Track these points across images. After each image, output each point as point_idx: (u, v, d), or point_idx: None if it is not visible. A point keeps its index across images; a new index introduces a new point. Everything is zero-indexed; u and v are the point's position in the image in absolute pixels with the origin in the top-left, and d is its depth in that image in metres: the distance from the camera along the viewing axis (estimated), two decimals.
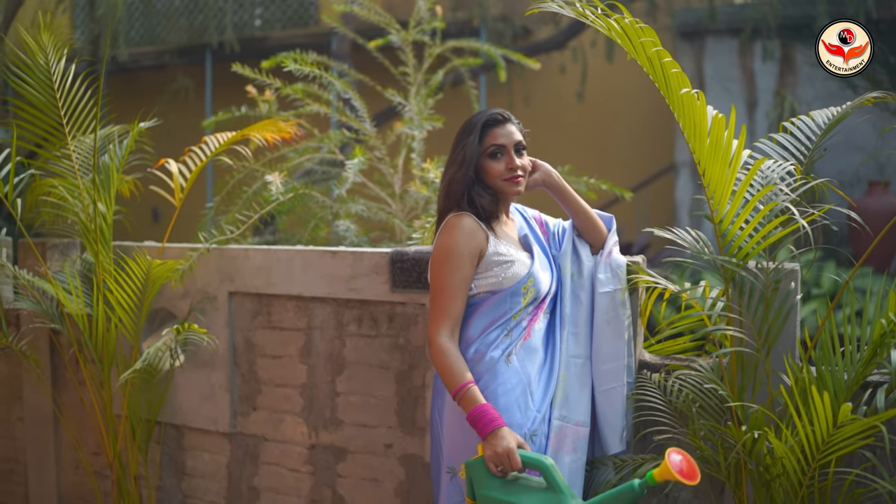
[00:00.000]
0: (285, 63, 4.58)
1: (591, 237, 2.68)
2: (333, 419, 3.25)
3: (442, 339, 2.39)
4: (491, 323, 2.47)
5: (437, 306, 2.43)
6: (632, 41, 2.40)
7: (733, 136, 2.33)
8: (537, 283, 2.50)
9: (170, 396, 3.57)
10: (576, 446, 2.49)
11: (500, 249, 2.47)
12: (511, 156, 2.49)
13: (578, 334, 2.59)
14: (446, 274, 2.42)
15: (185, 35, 13.71)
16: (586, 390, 2.56)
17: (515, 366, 2.44)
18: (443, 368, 2.37)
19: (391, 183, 5.04)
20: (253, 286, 3.36)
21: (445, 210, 2.54)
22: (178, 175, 3.61)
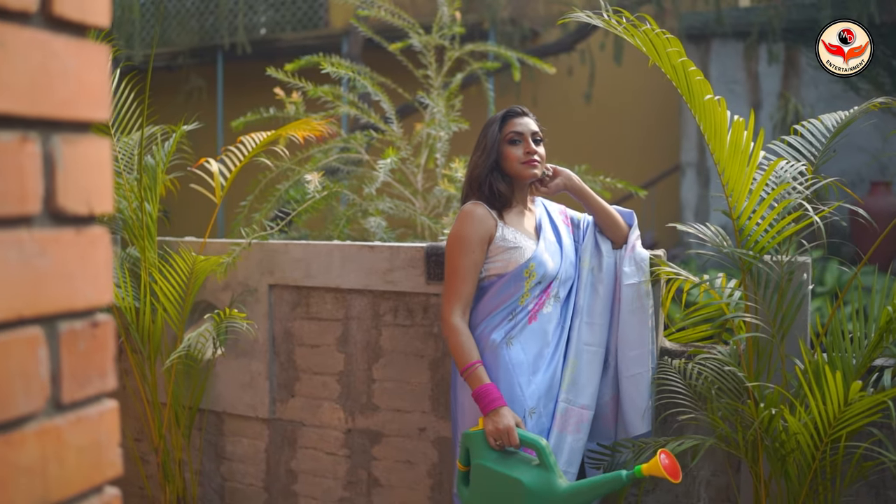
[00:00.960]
0: (323, 64, 4.77)
1: (611, 234, 2.88)
2: (369, 405, 3.44)
3: (454, 318, 2.65)
4: (497, 305, 2.69)
5: (450, 288, 2.69)
6: (657, 50, 2.59)
7: (751, 138, 2.52)
8: (540, 267, 2.69)
9: (211, 385, 3.77)
10: (579, 427, 2.71)
11: (507, 235, 2.70)
12: (528, 142, 2.75)
13: (594, 324, 2.78)
14: (457, 258, 2.68)
15: (196, 37, 13.92)
16: (595, 377, 2.76)
17: (517, 348, 2.66)
18: (454, 347, 2.63)
19: (413, 182, 5.23)
20: (292, 279, 3.55)
21: (466, 197, 2.83)
22: (217, 174, 3.80)
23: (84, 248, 1.20)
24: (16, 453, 1.09)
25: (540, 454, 2.42)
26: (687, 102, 2.63)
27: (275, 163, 4.65)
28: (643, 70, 10.96)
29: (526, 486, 2.39)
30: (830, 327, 2.52)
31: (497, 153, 2.77)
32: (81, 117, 1.19)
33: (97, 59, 1.22)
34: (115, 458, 1.26)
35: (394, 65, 5.99)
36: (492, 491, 2.47)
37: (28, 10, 1.08)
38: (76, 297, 1.19)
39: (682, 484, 2.91)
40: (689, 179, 10.82)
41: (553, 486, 2.38)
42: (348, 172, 5.38)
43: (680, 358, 2.86)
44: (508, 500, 2.43)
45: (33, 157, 1.11)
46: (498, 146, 2.77)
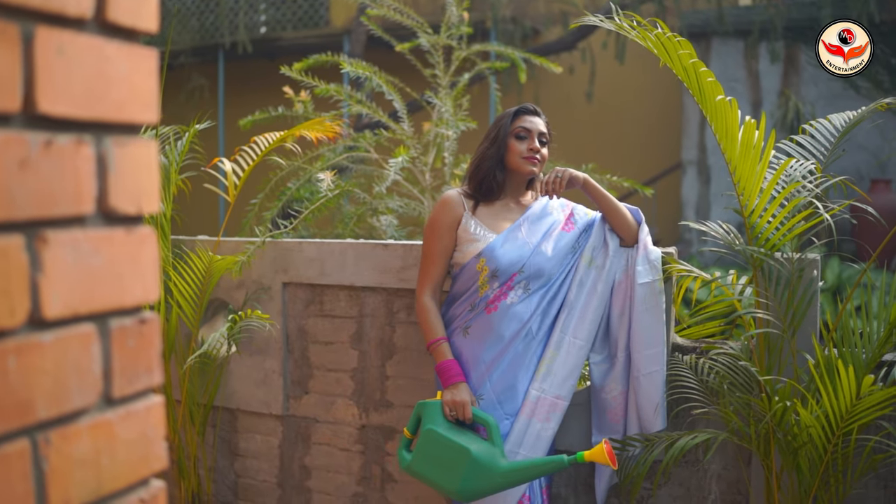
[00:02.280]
0: (342, 65, 4.81)
1: (622, 232, 2.92)
2: (383, 401, 3.48)
3: (424, 297, 2.88)
4: (461, 294, 2.86)
5: (422, 270, 2.90)
6: (669, 52, 2.64)
7: (762, 138, 2.57)
8: (492, 262, 2.78)
9: (225, 382, 3.81)
10: (549, 416, 2.79)
11: (469, 226, 2.85)
12: (534, 140, 2.86)
13: (585, 319, 2.83)
14: (429, 242, 2.88)
15: (197, 35, 13.96)
16: (576, 371, 2.83)
17: (472, 338, 2.80)
18: (421, 323, 2.87)
19: (421, 181, 5.27)
20: (306, 277, 3.59)
21: (464, 182, 2.99)
22: (231, 173, 3.84)
23: (133, 247, 1.24)
24: (71, 446, 1.13)
25: (489, 430, 2.65)
26: (698, 103, 2.68)
27: (288, 162, 4.69)
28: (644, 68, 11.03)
29: (472, 454, 2.58)
30: (840, 323, 2.57)
31: (504, 146, 2.87)
32: (132, 120, 1.23)
33: (147, 64, 1.26)
34: (161, 452, 1.30)
35: (396, 64, 6.02)
36: (437, 455, 2.65)
37: (84, 16, 1.12)
38: (126, 296, 1.23)
39: (694, 478, 2.96)
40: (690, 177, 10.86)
41: (495, 460, 2.59)
42: (355, 171, 5.42)
43: (692, 353, 2.90)
44: (451, 466, 2.61)
45: (88, 159, 1.15)
46: (505, 139, 2.87)
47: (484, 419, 2.67)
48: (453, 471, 2.60)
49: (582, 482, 3.12)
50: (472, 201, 2.92)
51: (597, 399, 2.94)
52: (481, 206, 2.92)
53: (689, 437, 2.60)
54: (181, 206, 3.82)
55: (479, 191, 2.91)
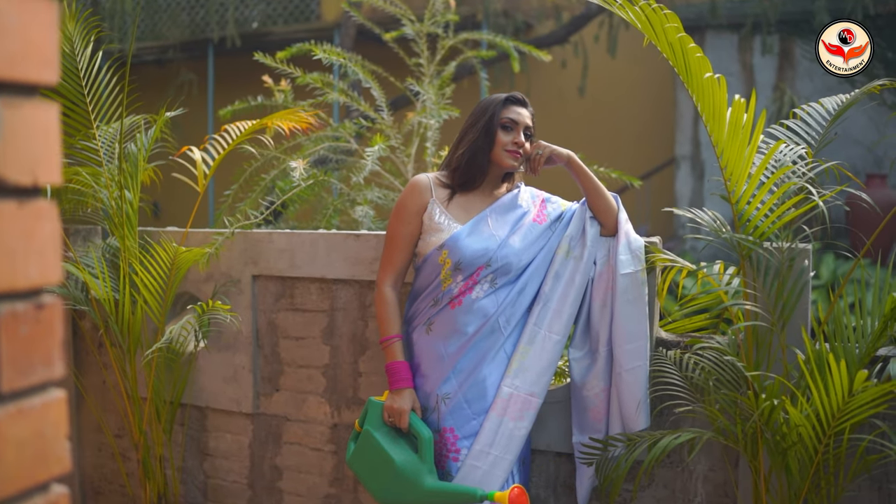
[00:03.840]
0: (315, 51, 4.66)
1: (603, 217, 2.76)
2: (356, 398, 3.33)
3: (385, 286, 2.73)
4: (424, 287, 2.71)
5: (385, 256, 2.76)
6: (654, 27, 2.49)
7: (752, 120, 2.42)
8: (454, 253, 2.62)
9: (193, 379, 3.66)
10: (522, 414, 2.64)
11: (434, 214, 2.69)
12: (519, 133, 2.70)
13: (561, 312, 2.68)
14: (394, 226, 2.73)
15: (186, 30, 13.79)
16: (551, 366, 2.68)
17: (435, 334, 2.66)
18: (379, 316, 2.73)
19: (403, 171, 5.12)
20: (276, 269, 3.45)
21: (446, 168, 2.81)
22: (200, 162, 3.69)
23: (27, 222, 1.10)
24: None
25: (420, 445, 2.57)
26: (684, 81, 2.53)
27: (261, 151, 4.54)
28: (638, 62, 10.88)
29: (396, 466, 2.56)
30: (832, 316, 2.42)
31: (493, 136, 2.70)
32: (27, 79, 1.09)
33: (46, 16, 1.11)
34: (63, 453, 1.16)
35: (386, 57, 5.89)
36: (369, 458, 2.65)
37: None
38: (18, 277, 1.09)
39: (679, 479, 2.82)
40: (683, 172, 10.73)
41: (419, 477, 2.55)
42: (338, 162, 5.27)
43: (676, 348, 2.76)
44: (379, 473, 2.62)
45: None
46: (494, 128, 2.71)
47: (417, 431, 2.59)
48: (379, 476, 2.62)
49: (561, 483, 2.97)
50: (447, 191, 2.75)
51: (577, 397, 2.79)
52: (456, 196, 2.75)
53: (673, 436, 2.45)
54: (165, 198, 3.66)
55: (460, 181, 2.74)
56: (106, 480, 4.00)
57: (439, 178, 2.78)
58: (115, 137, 3.67)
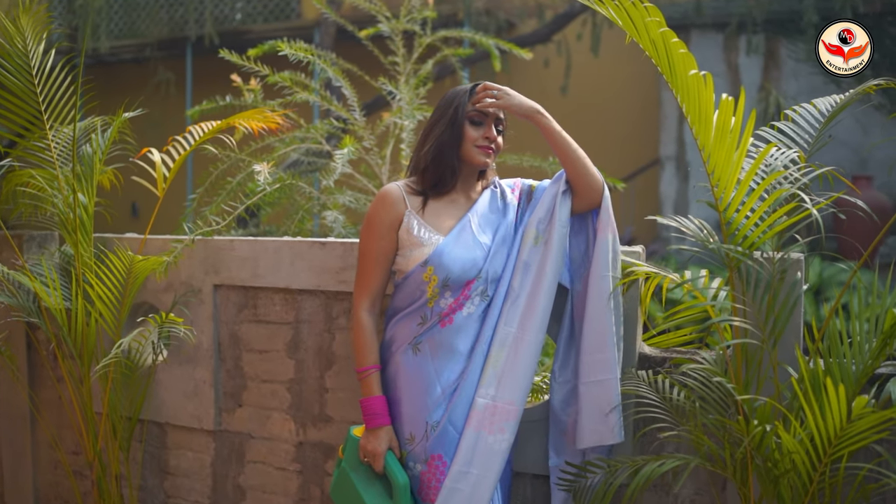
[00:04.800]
0: (280, 47, 4.47)
1: (581, 186, 2.47)
2: (322, 415, 3.15)
3: (361, 312, 2.46)
4: (404, 307, 2.45)
5: (359, 277, 2.49)
6: (634, 22, 2.32)
7: (741, 121, 2.25)
8: (441, 270, 2.37)
9: (152, 393, 3.47)
10: (503, 427, 2.37)
11: (412, 227, 2.43)
12: (490, 127, 2.47)
13: (533, 307, 2.39)
14: (367, 243, 2.46)
15: (165, 28, 13.56)
16: (529, 370, 2.39)
17: (424, 355, 2.40)
18: (354, 344, 2.46)
19: (378, 174, 4.94)
20: (239, 278, 3.26)
21: (409, 172, 2.58)
22: (160, 164, 3.50)
23: None
24: None
25: (395, 491, 2.38)
26: (668, 80, 2.36)
27: (227, 154, 4.35)
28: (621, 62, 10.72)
29: None
30: (828, 331, 2.25)
31: (461, 131, 2.46)
32: None
33: None
34: None
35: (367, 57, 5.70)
36: (345, 494, 2.49)
37: None
38: None
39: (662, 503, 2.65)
40: (668, 174, 10.60)
41: None
42: (310, 164, 5.08)
43: (662, 366, 2.58)
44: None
45: None
46: (462, 123, 2.47)
47: (393, 477, 2.38)
48: None
49: None
50: (419, 198, 2.49)
51: (556, 420, 2.58)
52: (430, 201, 2.50)
53: (657, 463, 2.28)
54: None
55: (431, 182, 2.48)
56: (62, 499, 3.79)
57: (409, 185, 2.53)
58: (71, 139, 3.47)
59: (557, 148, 2.48)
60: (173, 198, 3.41)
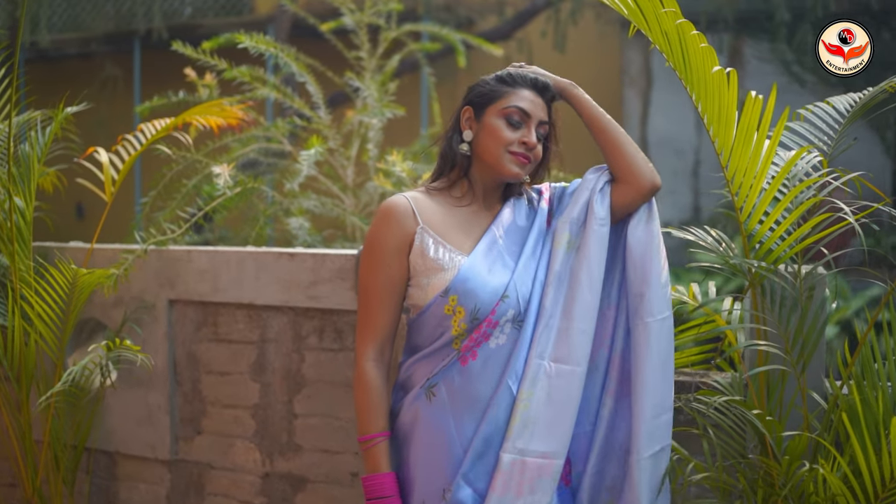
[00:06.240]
0: (239, 39, 4.16)
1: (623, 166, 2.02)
2: (291, 444, 2.89)
3: (367, 363, 1.95)
4: (424, 346, 1.96)
5: (361, 318, 1.98)
6: (644, 13, 2.08)
7: (769, 122, 2.02)
8: (468, 298, 1.88)
9: (100, 419, 3.17)
10: (534, 486, 1.87)
11: (427, 247, 1.92)
12: (531, 129, 1.99)
13: (572, 330, 1.91)
14: (369, 274, 1.96)
15: (111, 22, 13.10)
16: (569, 410, 1.90)
17: (441, 403, 1.91)
18: (358, 403, 1.96)
19: (343, 176, 4.66)
20: (197, 293, 2.99)
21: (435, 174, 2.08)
22: (108, 166, 3.20)
23: None
24: None
25: None
26: (681, 77, 2.13)
27: (182, 154, 4.03)
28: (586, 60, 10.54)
29: None
30: (861, 354, 2.04)
31: (481, 125, 1.99)
32: None
33: None
34: None
35: (323, 52, 5.42)
36: None
37: None
38: None
39: None
40: None
41: None
42: (269, 165, 4.78)
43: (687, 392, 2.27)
44: None
45: None
46: (483, 113, 1.99)
47: None
48: None
49: None
50: (434, 207, 1.99)
51: None
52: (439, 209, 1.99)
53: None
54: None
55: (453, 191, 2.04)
56: None
57: (419, 194, 2.01)
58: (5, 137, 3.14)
59: (594, 124, 2.11)
60: (123, 200, 3.11)
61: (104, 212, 3.14)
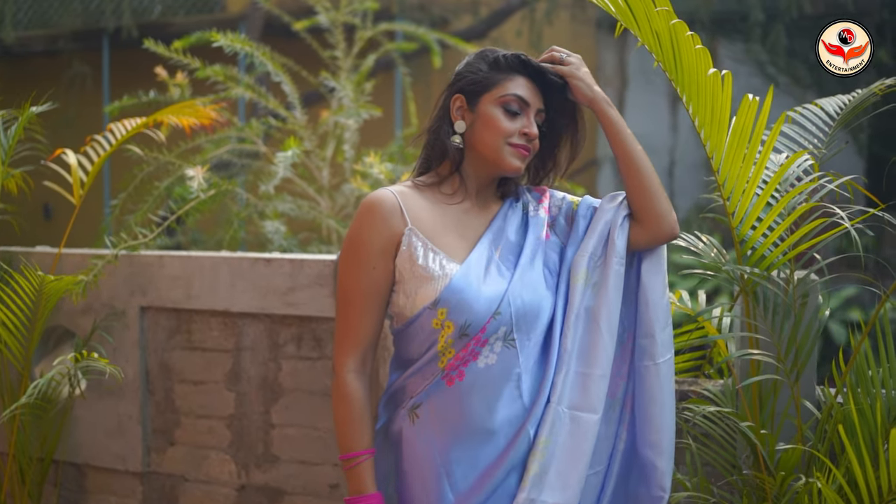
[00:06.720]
0: (214, 38, 4.06)
1: (647, 207, 1.83)
2: (267, 455, 2.82)
3: (347, 375, 1.77)
4: (412, 361, 1.78)
5: (342, 323, 1.80)
6: (634, 13, 2.02)
7: (764, 126, 1.97)
8: (459, 311, 1.70)
9: (69, 430, 3.08)
10: None
11: (416, 255, 1.74)
12: (531, 119, 1.80)
13: (591, 376, 1.76)
14: (349, 277, 1.78)
15: (79, 19, 12.88)
16: (583, 457, 1.75)
17: (424, 428, 1.74)
18: (339, 419, 1.78)
19: (318, 178, 4.57)
20: (169, 300, 2.91)
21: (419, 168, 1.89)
22: (76, 168, 3.09)
23: None
24: None
25: None
26: (672, 79, 2.06)
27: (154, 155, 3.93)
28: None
29: None
30: (856, 364, 1.99)
31: (476, 115, 1.80)
32: None
33: None
34: None
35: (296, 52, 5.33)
36: None
37: None
38: None
39: None
40: (605, 174, 10.45)
41: None
42: (243, 167, 4.68)
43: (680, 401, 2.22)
44: None
45: None
46: (477, 102, 1.81)
47: None
48: None
49: None
50: (422, 202, 1.80)
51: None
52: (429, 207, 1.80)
53: None
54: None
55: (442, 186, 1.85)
56: None
57: (406, 189, 1.82)
58: None
59: (621, 151, 1.87)
60: (92, 203, 3.01)
61: (72, 215, 3.04)
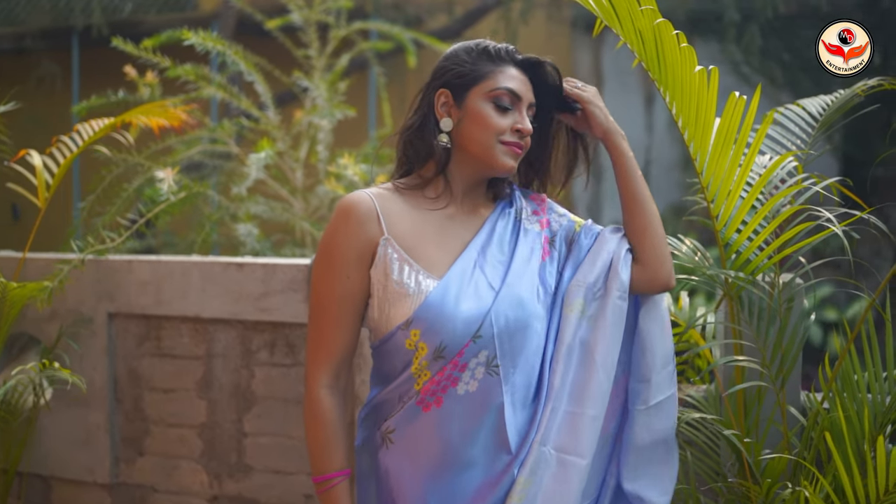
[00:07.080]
0: (186, 36, 3.98)
1: (648, 248, 1.71)
2: (240, 465, 2.75)
3: (320, 390, 1.65)
4: (387, 378, 1.65)
5: (315, 335, 1.67)
6: (616, 10, 1.97)
7: (750, 126, 1.93)
8: (435, 333, 1.57)
9: (34, 441, 3.00)
10: None
11: (391, 268, 1.60)
12: (523, 115, 1.66)
13: (581, 416, 1.63)
14: (322, 285, 1.65)
15: (47, 16, 12.68)
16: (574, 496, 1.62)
17: (398, 451, 1.62)
18: (312, 438, 1.66)
19: (291, 179, 4.50)
20: (139, 305, 2.84)
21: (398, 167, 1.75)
22: (42, 169, 3.00)
23: None
24: None
25: None
26: (654, 79, 2.02)
27: (123, 157, 3.84)
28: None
29: None
30: (842, 370, 1.96)
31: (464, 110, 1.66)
32: None
33: None
34: None
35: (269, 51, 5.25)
36: None
37: None
38: None
39: None
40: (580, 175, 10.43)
41: None
42: (215, 168, 4.59)
43: None
44: None
45: None
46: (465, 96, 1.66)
47: None
48: None
49: None
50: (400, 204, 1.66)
51: None
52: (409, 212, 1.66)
53: None
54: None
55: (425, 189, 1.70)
56: None
57: (385, 192, 1.68)
58: None
59: (628, 189, 1.75)
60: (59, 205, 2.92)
61: (38, 217, 2.94)
